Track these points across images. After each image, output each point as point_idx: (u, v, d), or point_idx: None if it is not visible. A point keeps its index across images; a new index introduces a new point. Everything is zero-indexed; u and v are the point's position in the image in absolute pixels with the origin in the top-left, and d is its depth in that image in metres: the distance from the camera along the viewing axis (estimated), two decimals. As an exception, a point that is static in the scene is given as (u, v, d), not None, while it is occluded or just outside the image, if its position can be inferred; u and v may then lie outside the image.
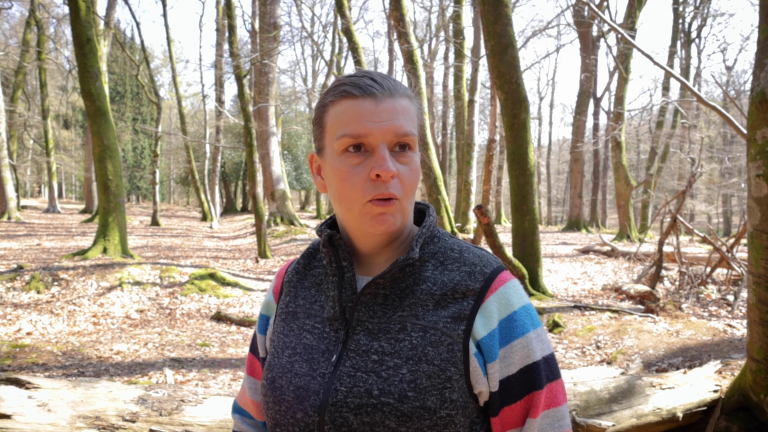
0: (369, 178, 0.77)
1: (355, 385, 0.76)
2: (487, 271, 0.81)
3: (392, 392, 0.74)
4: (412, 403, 0.73)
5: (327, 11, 33.16)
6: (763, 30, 2.48)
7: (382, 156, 0.76)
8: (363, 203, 0.78)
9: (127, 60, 28.65)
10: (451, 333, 0.77)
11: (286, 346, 0.86)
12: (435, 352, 0.76)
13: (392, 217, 0.78)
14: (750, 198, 2.54)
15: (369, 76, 0.79)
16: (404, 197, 0.79)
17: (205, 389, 2.57)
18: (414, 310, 0.79)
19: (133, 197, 43.72)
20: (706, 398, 2.76)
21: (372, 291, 0.81)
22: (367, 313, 0.81)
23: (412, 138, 0.80)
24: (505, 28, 6.29)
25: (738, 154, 23.15)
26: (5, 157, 17.15)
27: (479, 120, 20.21)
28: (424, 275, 0.81)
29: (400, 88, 0.81)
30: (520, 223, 6.38)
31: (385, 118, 0.77)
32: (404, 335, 0.78)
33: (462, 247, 0.85)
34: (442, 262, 0.83)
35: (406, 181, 0.79)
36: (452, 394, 0.75)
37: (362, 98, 0.77)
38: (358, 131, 0.77)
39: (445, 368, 0.75)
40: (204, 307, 6.62)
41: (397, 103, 0.79)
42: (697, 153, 11.52)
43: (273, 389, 0.83)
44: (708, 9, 20.41)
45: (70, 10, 8.57)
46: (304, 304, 0.88)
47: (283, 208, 16.57)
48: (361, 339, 0.79)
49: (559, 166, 45.17)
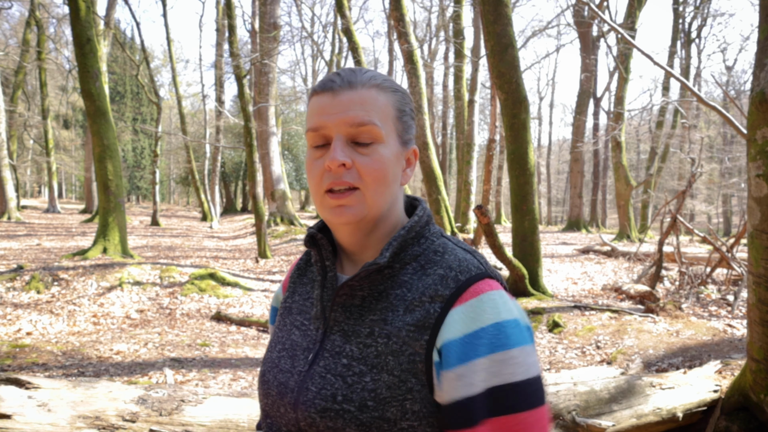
0: (325, 170, 0.78)
1: (324, 387, 0.75)
2: (461, 278, 0.74)
3: (354, 400, 0.73)
4: (372, 413, 0.71)
5: (327, 11, 33.22)
6: (763, 30, 2.48)
7: (332, 147, 0.77)
8: (321, 195, 0.78)
9: (127, 60, 28.65)
10: (413, 343, 0.72)
11: (278, 341, 0.87)
12: (395, 362, 0.73)
13: (351, 208, 0.77)
14: (750, 198, 2.54)
15: (337, 72, 0.80)
16: (366, 186, 0.77)
17: (205, 389, 2.57)
18: (384, 315, 0.76)
19: (133, 197, 43.72)
20: (706, 398, 2.76)
21: (347, 292, 0.79)
22: (344, 314, 0.79)
23: (370, 127, 0.77)
24: (505, 28, 6.29)
25: (738, 154, 23.15)
26: (5, 157, 17.14)
27: (479, 120, 20.22)
28: (402, 279, 0.78)
29: (366, 80, 0.79)
30: (520, 223, 6.38)
31: (340, 109, 0.77)
32: (371, 340, 0.75)
33: (447, 249, 0.80)
34: (423, 265, 0.78)
35: (365, 170, 0.77)
36: (413, 405, 0.72)
37: (322, 93, 0.79)
38: (315, 124, 0.79)
39: (406, 379, 0.72)
40: (204, 307, 6.62)
41: (355, 94, 0.78)
42: (697, 153, 11.52)
43: (262, 383, 0.85)
44: (708, 9, 20.41)
45: (70, 10, 8.57)
46: (299, 300, 0.89)
47: (283, 208, 16.57)
48: (336, 340, 0.78)
49: (559, 166, 45.17)
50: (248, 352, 4.94)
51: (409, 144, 0.84)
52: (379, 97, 0.79)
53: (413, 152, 0.86)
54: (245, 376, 4.24)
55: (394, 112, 0.81)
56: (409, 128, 0.84)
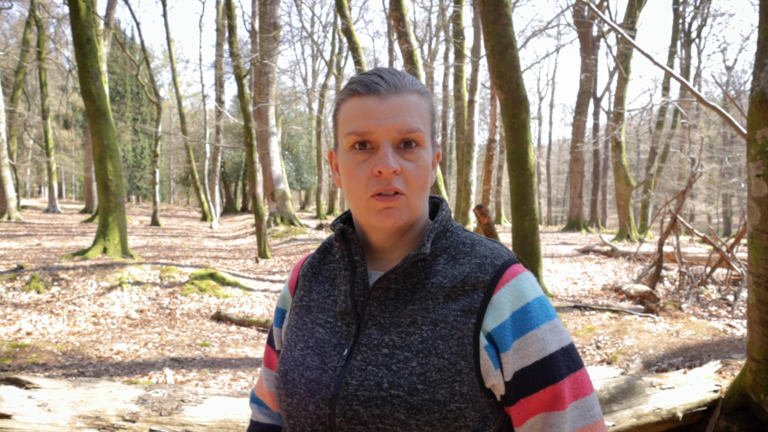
0: (372, 175, 0.78)
1: (366, 378, 0.76)
2: (497, 263, 0.80)
3: (402, 385, 0.74)
4: (422, 395, 0.73)
5: (327, 11, 33.19)
6: (763, 30, 2.48)
7: (384, 153, 0.77)
8: (367, 199, 0.79)
9: (127, 60, 28.63)
10: (461, 326, 0.76)
11: (299, 340, 0.87)
12: (445, 345, 0.76)
13: (398, 211, 0.79)
14: (750, 198, 2.54)
15: (378, 74, 0.80)
16: (411, 192, 0.79)
17: (205, 389, 2.57)
18: (424, 304, 0.79)
19: (133, 197, 43.72)
20: (706, 398, 2.76)
21: (384, 286, 0.81)
22: (379, 308, 0.81)
23: (417, 134, 0.79)
24: (505, 28, 6.29)
25: (738, 154, 23.15)
26: (5, 157, 17.14)
27: (479, 120, 20.20)
28: (436, 269, 0.81)
29: (409, 84, 0.81)
30: (520, 223, 6.38)
31: (389, 115, 0.78)
32: (415, 329, 0.77)
33: (475, 240, 0.85)
34: (454, 256, 0.82)
35: (411, 176, 0.79)
36: (462, 388, 0.75)
37: (367, 96, 0.79)
38: (362, 129, 0.78)
39: (455, 361, 0.75)
40: (204, 307, 6.62)
41: (402, 100, 0.79)
42: (697, 153, 11.52)
43: (285, 382, 0.84)
44: (708, 9, 20.41)
45: (70, 10, 8.57)
46: (318, 299, 0.89)
47: (283, 208, 16.57)
48: (372, 333, 0.80)
49: (559, 166, 45.17)
50: (248, 352, 4.94)
51: (435, 146, 0.86)
52: (421, 103, 0.81)
53: (438, 154, 0.88)
54: (245, 376, 4.24)
55: (429, 116, 0.83)
56: (435, 131, 0.86)
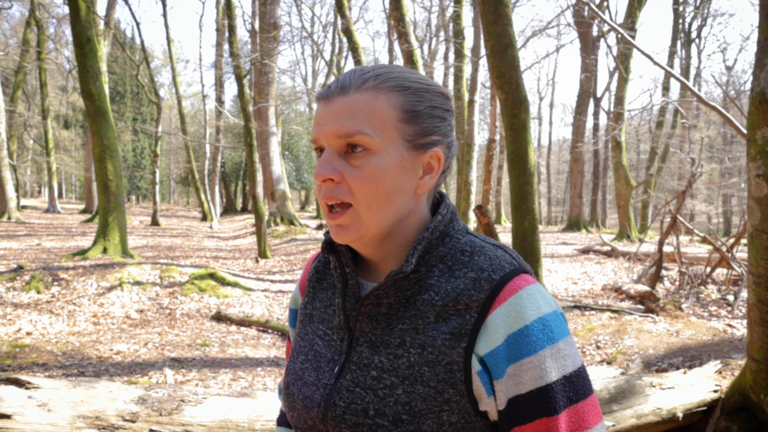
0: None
1: (353, 401, 0.72)
2: (495, 277, 0.70)
3: (387, 414, 0.69)
4: (406, 426, 0.68)
5: (327, 11, 33.24)
6: (763, 30, 2.48)
7: (320, 160, 0.72)
8: (325, 211, 0.74)
9: (127, 60, 28.65)
10: (449, 351, 0.69)
11: (300, 351, 0.83)
12: (431, 372, 0.69)
13: (346, 228, 0.72)
14: (750, 198, 2.54)
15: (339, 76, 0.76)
16: (359, 204, 0.71)
17: (205, 389, 2.57)
18: (414, 323, 0.72)
19: (133, 197, 43.73)
20: (706, 398, 2.76)
21: (373, 301, 0.74)
22: (370, 324, 0.75)
23: (359, 137, 0.70)
24: (505, 28, 6.29)
25: (738, 154, 23.16)
26: (5, 157, 17.14)
27: (479, 120, 20.20)
28: (429, 282, 0.73)
29: (361, 82, 0.72)
30: (520, 223, 6.38)
31: (330, 119, 0.71)
32: (403, 351, 0.72)
33: (475, 247, 0.75)
34: (450, 267, 0.74)
35: (354, 185, 0.70)
36: (451, 417, 0.69)
37: (320, 101, 0.74)
38: (312, 136, 0.74)
39: (443, 390, 0.69)
40: (204, 307, 6.62)
41: (347, 101, 0.71)
42: (697, 153, 11.52)
43: (287, 395, 0.81)
44: (708, 9, 20.42)
45: (70, 10, 8.57)
46: (320, 307, 0.85)
47: (283, 208, 16.57)
48: (363, 351, 0.75)
49: (559, 166, 45.18)
50: (248, 352, 4.94)
51: (426, 147, 0.75)
52: (375, 101, 0.71)
53: (434, 156, 0.75)
54: (245, 376, 4.24)
55: (397, 114, 0.72)
56: (426, 130, 0.74)
